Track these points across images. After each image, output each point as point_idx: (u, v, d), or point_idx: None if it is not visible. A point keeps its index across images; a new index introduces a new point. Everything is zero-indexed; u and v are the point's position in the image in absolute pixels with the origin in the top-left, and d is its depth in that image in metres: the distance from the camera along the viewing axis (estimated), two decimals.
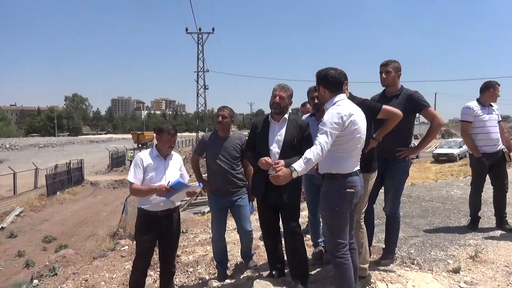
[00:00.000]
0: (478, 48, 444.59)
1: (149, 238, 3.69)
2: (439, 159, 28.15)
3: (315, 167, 3.13)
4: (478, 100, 4.94)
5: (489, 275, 3.63)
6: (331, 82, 2.93)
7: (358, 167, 2.94)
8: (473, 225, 5.14)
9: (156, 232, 3.71)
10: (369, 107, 3.21)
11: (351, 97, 3.28)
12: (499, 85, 4.93)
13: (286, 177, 2.76)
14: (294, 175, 2.72)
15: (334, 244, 2.90)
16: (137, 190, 3.58)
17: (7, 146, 59.21)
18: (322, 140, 2.66)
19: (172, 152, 3.80)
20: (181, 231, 6.89)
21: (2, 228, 16.00)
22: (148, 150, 3.74)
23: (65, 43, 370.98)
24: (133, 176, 3.58)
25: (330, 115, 2.75)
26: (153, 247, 3.81)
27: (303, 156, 2.69)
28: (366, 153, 3.18)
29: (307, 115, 4.26)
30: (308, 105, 4.61)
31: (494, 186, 5.07)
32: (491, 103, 4.95)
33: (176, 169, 3.76)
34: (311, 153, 2.66)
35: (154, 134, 3.74)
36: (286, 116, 3.51)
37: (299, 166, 2.68)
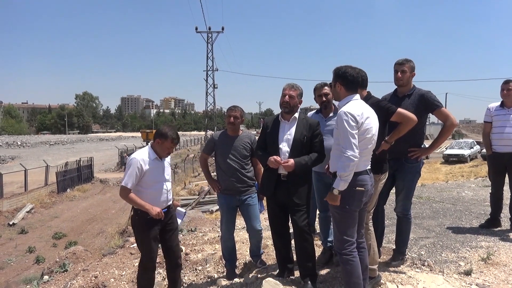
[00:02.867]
0: (490, 48, 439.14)
1: (154, 235, 3.63)
2: (449, 160, 27.82)
3: (326, 165, 3.14)
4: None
5: (502, 277, 3.58)
6: (349, 81, 2.94)
7: (369, 166, 2.94)
8: (488, 224, 5.12)
9: (158, 228, 3.65)
10: (384, 108, 3.18)
11: (368, 96, 3.25)
12: (505, 83, 4.89)
13: (333, 199, 2.84)
14: (335, 192, 2.81)
15: (341, 241, 2.91)
16: (131, 200, 3.46)
17: (19, 143, 59.98)
18: (349, 153, 2.71)
19: None
20: (189, 229, 6.93)
21: (13, 224, 16.21)
22: (145, 152, 3.58)
23: (76, 42, 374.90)
24: (131, 182, 3.45)
25: (344, 117, 2.75)
26: (158, 243, 3.78)
27: (338, 175, 2.79)
28: (377, 154, 3.15)
29: (313, 112, 4.22)
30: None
31: (510, 188, 4.99)
32: None
33: (168, 166, 3.78)
34: (337, 166, 2.78)
35: (155, 137, 3.58)
36: (296, 115, 3.51)
37: (337, 184, 2.79)
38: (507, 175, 5.00)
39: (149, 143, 3.71)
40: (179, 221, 3.94)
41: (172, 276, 3.92)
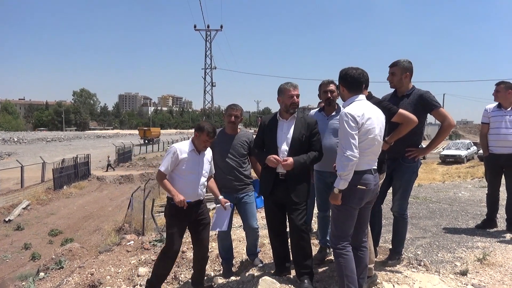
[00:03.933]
0: (488, 49, 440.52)
1: (180, 227, 3.79)
2: (446, 160, 27.93)
3: (333, 164, 3.14)
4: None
5: (497, 278, 3.59)
6: (349, 82, 2.99)
7: (374, 166, 2.97)
8: (484, 225, 5.13)
9: (187, 221, 3.82)
10: (385, 109, 3.19)
11: (370, 96, 3.26)
12: (497, 85, 4.93)
13: (335, 198, 2.87)
14: (336, 191, 2.84)
15: (336, 237, 2.97)
16: (163, 183, 3.73)
17: (15, 139, 59.81)
18: (348, 152, 2.75)
19: None
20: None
21: (9, 220, 16.17)
22: (185, 143, 3.83)
23: (74, 39, 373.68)
24: (166, 167, 3.70)
25: (344, 118, 2.80)
26: (183, 235, 3.92)
27: (338, 174, 2.82)
28: None
29: (316, 110, 4.20)
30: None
31: (507, 189, 5.00)
32: None
33: (207, 163, 3.90)
34: (338, 165, 2.82)
35: (194, 131, 3.81)
36: (295, 113, 3.49)
37: (337, 183, 2.83)
38: (503, 176, 5.01)
39: (191, 137, 3.95)
40: (225, 220, 3.95)
41: (198, 267, 4.03)
